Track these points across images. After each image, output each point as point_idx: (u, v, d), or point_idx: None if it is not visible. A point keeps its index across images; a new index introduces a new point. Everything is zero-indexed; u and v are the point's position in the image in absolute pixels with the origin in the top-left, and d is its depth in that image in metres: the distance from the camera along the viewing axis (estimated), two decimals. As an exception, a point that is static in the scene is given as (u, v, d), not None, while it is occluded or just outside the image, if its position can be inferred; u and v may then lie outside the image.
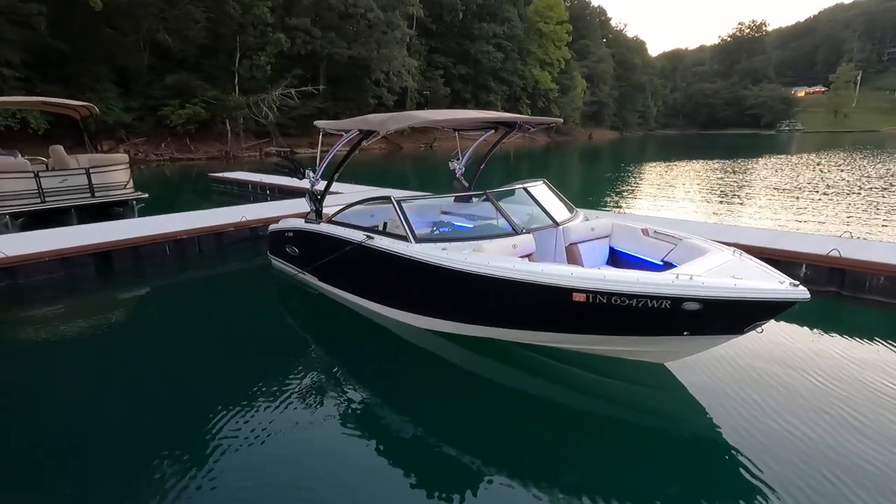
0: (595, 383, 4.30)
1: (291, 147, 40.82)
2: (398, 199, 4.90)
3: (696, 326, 3.54)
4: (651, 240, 5.03)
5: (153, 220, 9.23)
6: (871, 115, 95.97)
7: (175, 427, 3.71)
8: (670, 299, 3.33)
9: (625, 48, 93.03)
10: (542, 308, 3.84)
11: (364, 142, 5.31)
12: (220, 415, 3.79)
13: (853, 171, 21.51)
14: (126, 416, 3.90)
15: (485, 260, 3.96)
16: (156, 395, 4.21)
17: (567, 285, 3.54)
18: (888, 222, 10.64)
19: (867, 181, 17.99)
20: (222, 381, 4.44)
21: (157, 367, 4.74)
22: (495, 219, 4.95)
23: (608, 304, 3.50)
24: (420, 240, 4.54)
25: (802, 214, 11.74)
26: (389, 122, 4.87)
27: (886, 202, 13.22)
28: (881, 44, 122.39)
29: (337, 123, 5.90)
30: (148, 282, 7.62)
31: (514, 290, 3.80)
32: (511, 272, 3.76)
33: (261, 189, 16.05)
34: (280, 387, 4.23)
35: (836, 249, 5.77)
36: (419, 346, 4.94)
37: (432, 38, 54.62)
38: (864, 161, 26.74)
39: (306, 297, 6.49)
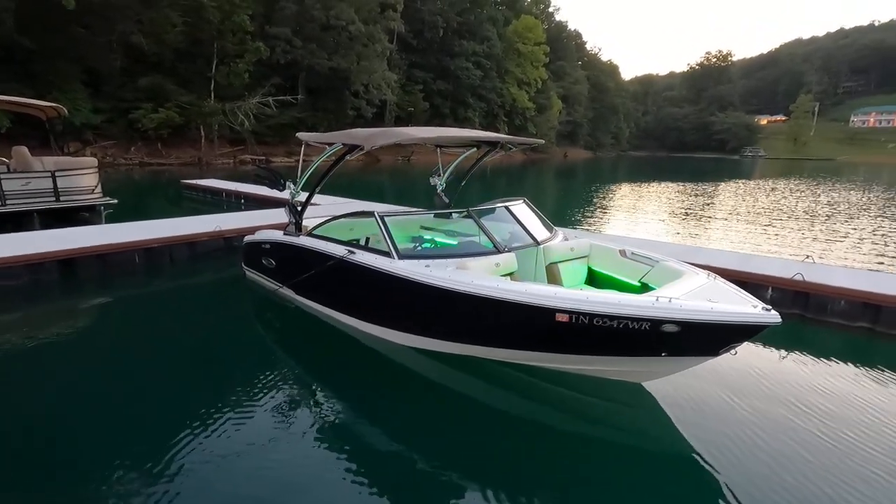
0: (574, 401, 4.35)
1: (267, 156, 40.22)
2: (381, 214, 4.89)
3: (673, 348, 3.63)
4: (628, 261, 5.15)
5: (122, 227, 8.93)
6: (827, 144, 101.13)
7: (138, 446, 3.55)
8: (650, 321, 3.41)
9: (599, 71, 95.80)
10: (524, 327, 3.88)
11: (348, 156, 5.29)
12: (188, 432, 3.66)
13: (812, 198, 22.57)
14: (86, 433, 3.73)
15: (468, 278, 3.98)
16: (119, 412, 4.04)
17: (550, 305, 3.59)
18: (844, 247, 11.18)
19: (824, 208, 18.89)
20: (192, 397, 4.29)
21: (123, 382, 4.55)
22: (478, 236, 4.98)
23: (590, 325, 3.55)
24: (403, 256, 4.53)
25: (764, 237, 12.22)
26: (375, 137, 4.87)
27: (843, 228, 13.90)
28: (836, 78, 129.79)
29: (321, 136, 5.87)
30: (115, 291, 7.34)
31: (497, 309, 3.82)
32: (495, 291, 3.79)
33: (235, 198, 15.76)
34: (253, 402, 4.12)
35: (799, 273, 6.03)
36: (398, 363, 4.90)
37: (413, 53, 55.14)
38: (819, 188, 28.09)
39: (282, 310, 6.36)
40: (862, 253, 10.61)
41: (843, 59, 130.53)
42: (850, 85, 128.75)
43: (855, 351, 5.44)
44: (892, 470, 3.39)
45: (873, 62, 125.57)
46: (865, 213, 17.29)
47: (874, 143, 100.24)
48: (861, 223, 14.95)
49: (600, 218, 15.72)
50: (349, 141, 5.18)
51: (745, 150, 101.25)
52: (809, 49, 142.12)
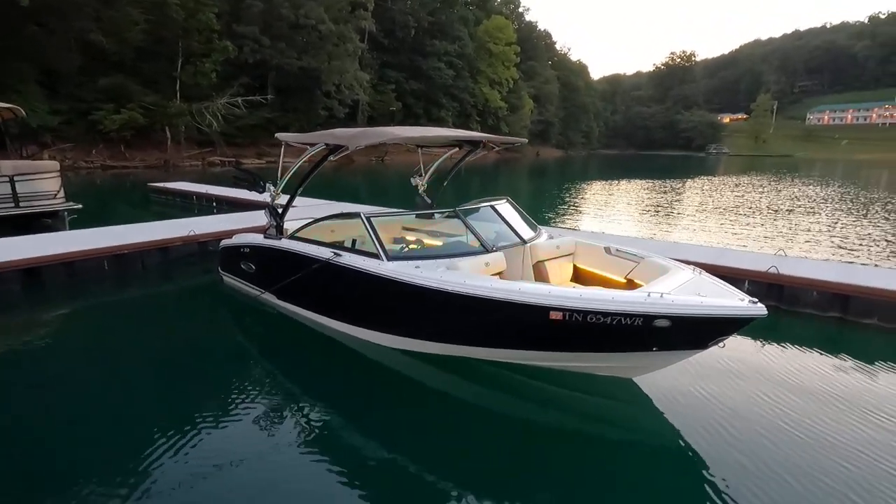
0: (565, 398, 4.37)
1: (237, 157, 39.37)
2: (368, 216, 4.81)
3: (664, 342, 3.68)
4: (613, 258, 5.21)
5: (89, 233, 8.55)
6: (786, 141, 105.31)
7: (109, 465, 3.37)
8: (643, 317, 3.45)
9: (569, 71, 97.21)
10: (517, 327, 3.87)
11: (331, 157, 5.18)
12: (165, 446, 3.51)
13: (774, 194, 23.44)
14: (50, 451, 3.53)
15: (460, 278, 3.95)
16: (90, 428, 3.85)
17: (544, 304, 3.59)
18: (805, 240, 11.63)
19: (786, 202, 19.64)
20: (170, 409, 4.12)
21: (94, 395, 4.37)
22: (465, 236, 4.96)
23: (583, 322, 3.57)
24: (392, 257, 4.47)
25: (732, 232, 12.62)
26: (360, 137, 4.79)
27: (804, 221, 14.47)
28: (793, 77, 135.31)
29: (301, 136, 5.74)
30: (83, 301, 7.03)
31: (490, 308, 3.80)
32: (487, 291, 3.77)
33: (206, 201, 15.33)
34: (235, 412, 4.00)
35: (774, 266, 6.23)
36: (387, 366, 4.84)
37: (384, 53, 54.79)
38: (781, 184, 29.21)
39: (262, 316, 6.20)
40: (824, 246, 11.04)
41: (798, 60, 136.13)
42: (806, 84, 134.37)
43: (828, 339, 5.65)
44: (862, 451, 3.54)
45: (826, 62, 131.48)
46: (824, 208, 18.04)
47: (829, 140, 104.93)
48: (821, 217, 15.59)
49: (573, 216, 15.94)
50: (332, 141, 5.08)
51: (710, 147, 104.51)
52: (767, 50, 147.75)
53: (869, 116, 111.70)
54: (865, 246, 11.04)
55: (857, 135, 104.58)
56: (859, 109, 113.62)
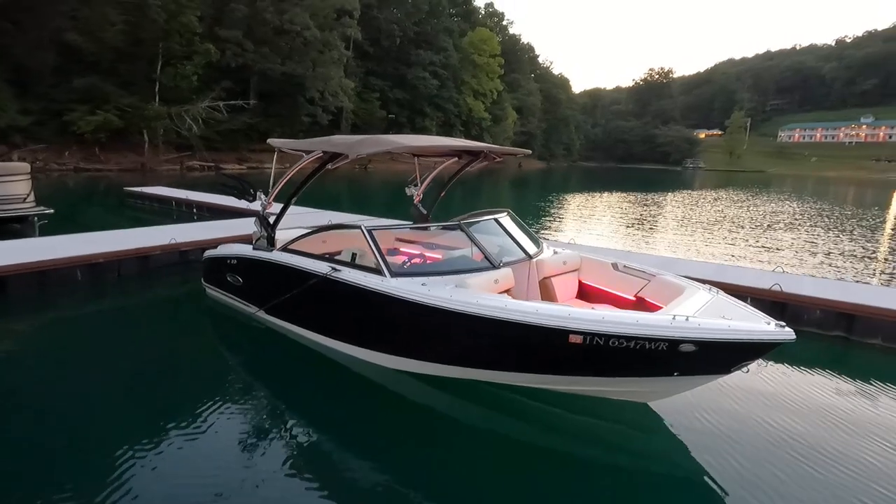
0: (577, 423, 4.16)
1: (217, 162, 38.54)
2: (369, 229, 4.53)
3: (687, 367, 3.50)
4: (621, 274, 5.04)
5: (61, 239, 8.04)
6: (759, 157, 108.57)
7: (80, 489, 3.03)
8: (668, 341, 3.26)
9: (551, 84, 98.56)
10: (534, 349, 3.64)
11: (329, 165, 4.91)
12: (141, 470, 3.20)
13: (753, 209, 23.91)
14: (15, 473, 3.18)
15: (472, 297, 3.70)
16: (62, 448, 3.50)
17: (564, 326, 3.37)
18: (794, 255, 11.76)
19: (768, 217, 20.01)
20: (148, 429, 3.75)
21: (64, 413, 3.99)
22: (470, 251, 4.72)
23: (605, 346, 3.37)
24: (396, 273, 4.20)
25: (718, 245, 12.70)
26: (360, 145, 4.53)
27: (788, 237, 14.69)
28: (765, 96, 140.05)
29: (296, 143, 5.44)
30: (53, 312, 6.55)
31: (505, 330, 3.57)
32: (504, 312, 3.53)
33: (186, 207, 14.79)
34: (216, 434, 3.69)
35: (777, 284, 6.16)
36: (384, 387, 4.56)
37: (369, 61, 54.69)
38: (758, 199, 29.89)
39: (248, 330, 5.83)
40: (809, 263, 11.16)
41: (770, 80, 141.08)
42: (777, 103, 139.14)
43: (834, 360, 5.57)
44: (869, 476, 3.45)
45: (796, 83, 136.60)
46: (804, 223, 18.40)
47: (799, 157, 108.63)
48: (801, 233, 15.87)
49: (559, 230, 15.86)
50: (330, 149, 4.80)
51: (687, 161, 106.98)
52: (741, 69, 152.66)
53: (836, 135, 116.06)
54: (850, 263, 11.19)
55: (825, 152, 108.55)
56: (827, 128, 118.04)
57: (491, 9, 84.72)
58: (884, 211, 25.51)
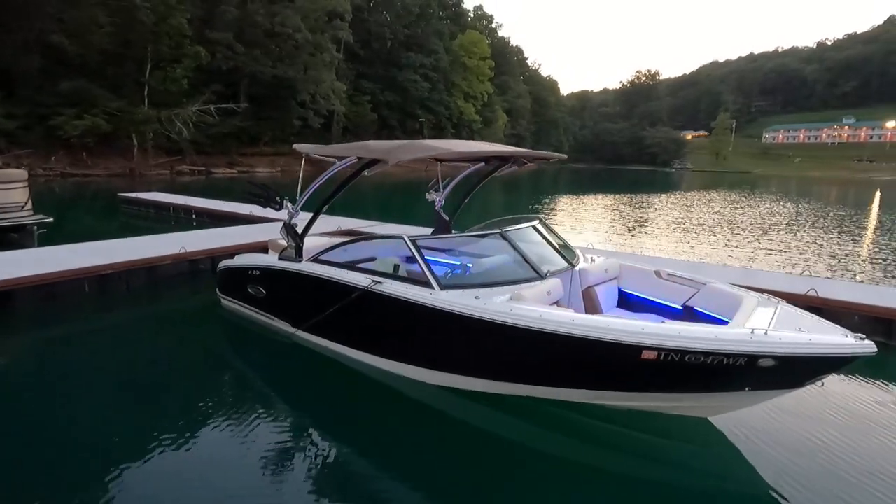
0: (632, 440, 3.98)
1: (207, 166, 38.00)
2: (413, 239, 4.33)
3: (761, 382, 3.36)
4: (666, 283, 4.90)
5: (66, 250, 7.70)
6: (744, 158, 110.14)
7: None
8: (747, 356, 3.11)
9: (540, 86, 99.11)
10: (601, 366, 3.47)
11: (366, 171, 4.69)
12: (157, 488, 3.03)
13: (749, 210, 24.10)
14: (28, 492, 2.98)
15: (536, 312, 3.51)
16: (74, 467, 3.33)
17: (637, 342, 3.21)
18: (802, 256, 11.78)
19: (766, 219, 20.15)
20: (166, 451, 3.53)
21: (77, 431, 3.77)
22: (514, 261, 4.54)
23: (679, 362, 3.21)
24: (446, 286, 3.99)
25: (724, 247, 12.69)
26: (399, 151, 4.32)
27: (789, 238, 14.75)
28: (749, 98, 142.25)
29: (326, 149, 5.22)
30: (63, 326, 6.21)
31: (572, 346, 3.39)
32: (572, 327, 3.35)
33: (185, 213, 14.41)
34: (242, 453, 3.50)
35: (813, 289, 6.08)
36: (426, 404, 4.36)
37: (360, 64, 54.40)
38: (752, 201, 30.18)
39: (269, 343, 5.57)
40: (821, 265, 11.18)
41: (753, 81, 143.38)
42: (761, 104, 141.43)
43: (876, 365, 5.48)
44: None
45: (779, 84, 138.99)
46: (803, 224, 18.54)
47: (783, 158, 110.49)
48: (803, 234, 15.96)
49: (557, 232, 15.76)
50: (367, 155, 4.58)
51: (675, 163, 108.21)
52: (725, 71, 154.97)
53: (819, 136, 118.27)
54: (857, 264, 11.23)
55: (808, 153, 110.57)
56: (810, 129, 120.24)
57: (480, 11, 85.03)
58: (873, 210, 25.88)
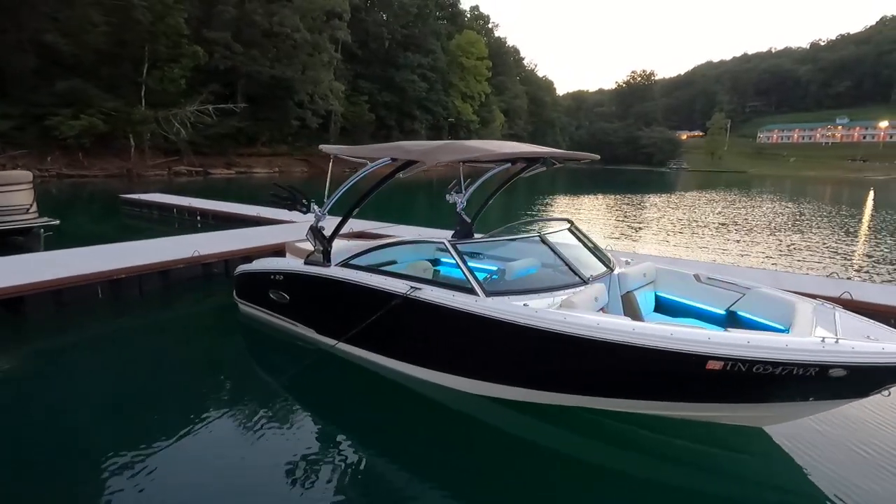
0: (682, 451, 3.84)
1: (205, 167, 37.67)
2: (454, 243, 4.17)
3: (827, 391, 3.24)
4: (706, 287, 4.77)
5: (77, 254, 7.49)
6: (739, 157, 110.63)
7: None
8: (819, 366, 2.99)
9: (536, 86, 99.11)
10: (661, 376, 3.33)
11: (401, 173, 4.54)
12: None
13: (750, 209, 24.11)
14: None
15: (593, 321, 3.37)
16: (87, 476, 3.24)
17: (703, 352, 3.08)
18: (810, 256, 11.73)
19: (768, 219, 20.14)
20: (190, 458, 3.43)
21: (96, 449, 3.57)
22: (555, 265, 4.40)
23: (746, 372, 3.08)
24: (492, 292, 3.84)
25: (736, 248, 12.63)
26: (438, 152, 4.16)
27: (796, 238, 14.72)
28: (743, 98, 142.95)
29: (356, 149, 5.05)
30: (76, 333, 6.01)
31: (634, 356, 3.25)
32: (632, 336, 3.21)
33: (189, 214, 14.18)
34: (270, 464, 3.37)
35: (847, 292, 5.98)
36: (460, 412, 4.21)
37: (357, 64, 54.12)
38: (753, 201, 30.23)
39: (293, 350, 5.38)
40: (836, 267, 11.12)
41: (748, 81, 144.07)
42: (756, 104, 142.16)
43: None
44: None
45: (773, 85, 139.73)
46: (808, 225, 18.53)
47: (778, 158, 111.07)
48: (810, 235, 15.93)
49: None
50: (402, 156, 4.42)
51: (670, 163, 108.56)
52: (719, 71, 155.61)
53: (813, 136, 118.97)
54: (873, 265, 11.19)
55: (802, 153, 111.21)
56: (804, 129, 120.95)
57: (476, 12, 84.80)
58: (871, 210, 25.97)
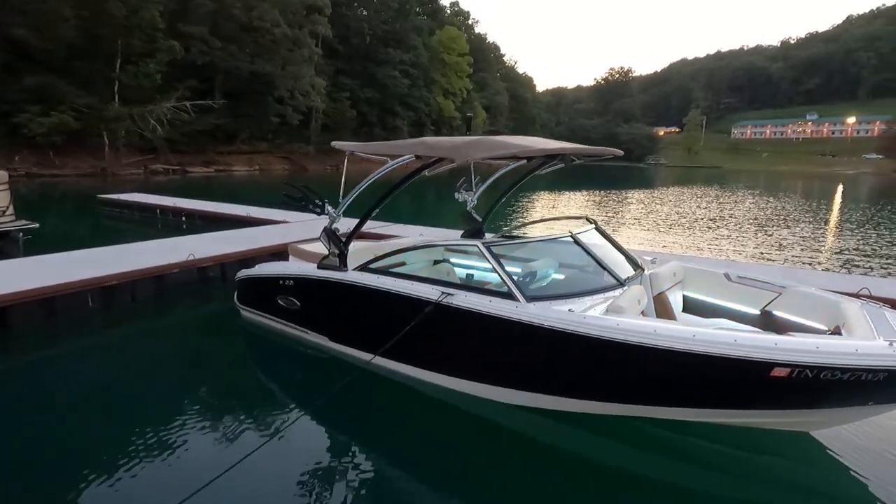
0: (725, 457, 3.70)
1: (182, 165, 36.63)
2: (488, 245, 3.94)
3: (887, 395, 3.12)
4: (738, 286, 4.65)
5: (64, 259, 7.01)
6: (715, 153, 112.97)
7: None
8: (888, 371, 2.86)
9: (517, 83, 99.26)
10: (721, 384, 3.17)
11: (427, 171, 4.28)
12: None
13: (734, 205, 24.49)
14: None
15: (650, 327, 3.18)
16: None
17: (769, 359, 2.92)
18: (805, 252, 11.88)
19: (753, 214, 20.45)
20: (195, 476, 3.08)
21: (90, 470, 3.27)
22: (590, 267, 4.22)
23: (812, 379, 2.94)
24: (532, 297, 3.62)
25: (729, 244, 12.72)
26: (470, 148, 3.92)
27: (785, 233, 14.93)
28: (718, 95, 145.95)
29: (376, 146, 4.77)
30: (67, 345, 5.61)
31: (695, 364, 3.08)
32: (697, 344, 3.03)
33: (174, 215, 13.61)
34: (286, 481, 3.17)
35: (865, 288, 5.96)
36: (495, 422, 4.01)
37: (339, 60, 53.34)
38: (734, 196, 30.74)
39: (301, 358, 5.12)
40: (835, 261, 11.26)
41: (722, 78, 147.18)
42: (729, 101, 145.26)
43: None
44: None
45: (745, 82, 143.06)
46: (794, 221, 18.86)
47: (752, 153, 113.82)
48: (801, 229, 16.19)
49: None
50: (428, 153, 4.16)
51: (648, 158, 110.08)
52: (694, 68, 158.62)
53: (784, 132, 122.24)
54: (865, 258, 11.37)
55: (775, 148, 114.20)
56: (776, 125, 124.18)
57: (456, 8, 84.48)
58: (840, 203, 26.67)
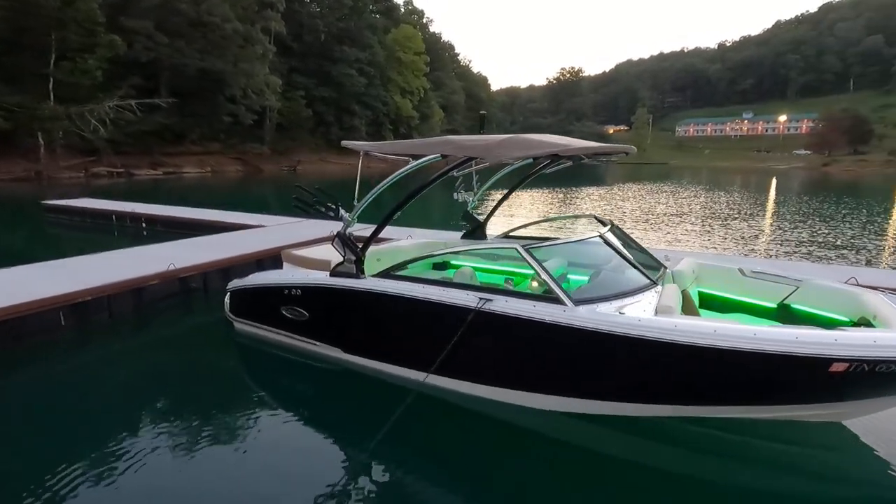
0: (761, 449, 3.74)
1: (127, 167, 34.49)
2: (528, 247, 3.80)
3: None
4: (753, 281, 4.74)
5: (25, 274, 6.32)
6: (662, 150, 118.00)
7: None
8: (941, 361, 2.94)
9: (472, 82, 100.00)
10: (777, 381, 3.16)
11: (455, 171, 4.08)
12: None
13: (692, 199, 25.59)
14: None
15: (709, 328, 3.14)
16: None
17: (830, 354, 2.94)
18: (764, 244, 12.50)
19: (709, 208, 21.42)
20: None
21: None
22: (622, 267, 4.17)
23: (868, 373, 2.98)
24: (578, 301, 3.51)
25: (696, 238, 13.23)
26: (501, 147, 3.77)
27: (744, 226, 15.70)
28: (662, 94, 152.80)
29: (395, 145, 4.52)
30: (37, 370, 5.02)
31: (757, 362, 3.05)
32: (760, 343, 3.00)
33: (132, 221, 12.68)
34: None
35: (853, 278, 6.25)
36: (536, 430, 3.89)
37: (292, 58, 51.83)
38: (687, 191, 32.14)
39: (306, 372, 4.84)
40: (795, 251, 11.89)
41: (665, 79, 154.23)
42: (673, 100, 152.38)
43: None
44: None
45: (687, 82, 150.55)
46: (750, 213, 19.87)
47: (695, 150, 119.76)
48: (760, 222, 17.06)
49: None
50: (456, 152, 3.96)
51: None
52: (640, 69, 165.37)
53: (723, 129, 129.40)
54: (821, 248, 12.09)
55: (715, 145, 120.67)
56: (716, 123, 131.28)
57: (410, 6, 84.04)
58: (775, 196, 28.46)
